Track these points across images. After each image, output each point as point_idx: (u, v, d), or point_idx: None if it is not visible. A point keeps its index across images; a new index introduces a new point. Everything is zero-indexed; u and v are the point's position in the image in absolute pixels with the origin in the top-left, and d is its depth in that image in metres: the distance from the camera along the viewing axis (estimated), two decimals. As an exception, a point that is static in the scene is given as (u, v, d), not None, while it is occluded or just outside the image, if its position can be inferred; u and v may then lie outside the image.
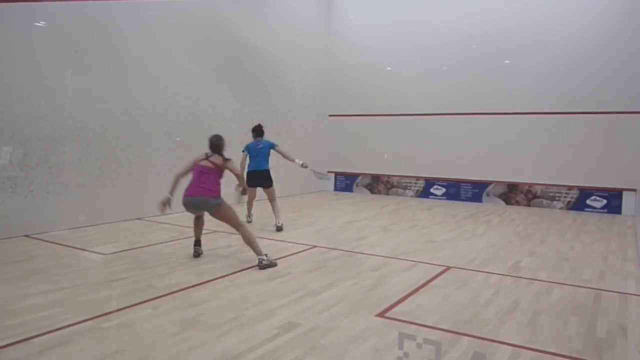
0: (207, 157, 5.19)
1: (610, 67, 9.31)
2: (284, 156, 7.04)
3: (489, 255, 5.70)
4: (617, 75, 9.27)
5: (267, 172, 7.05)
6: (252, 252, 5.05)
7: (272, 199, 7.13)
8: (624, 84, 9.21)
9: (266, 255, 5.03)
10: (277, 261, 5.14)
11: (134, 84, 7.64)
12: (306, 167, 7.09)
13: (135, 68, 7.66)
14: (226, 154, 5.29)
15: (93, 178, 7.06)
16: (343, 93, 12.24)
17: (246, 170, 7.02)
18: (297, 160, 7.02)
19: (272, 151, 7.08)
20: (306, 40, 11.59)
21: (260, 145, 7.03)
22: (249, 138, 7.24)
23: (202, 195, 5.03)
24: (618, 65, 9.25)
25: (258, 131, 7.14)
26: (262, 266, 4.92)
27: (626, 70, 9.18)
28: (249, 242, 5.07)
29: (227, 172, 5.25)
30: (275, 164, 7.31)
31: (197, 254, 5.40)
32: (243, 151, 7.12)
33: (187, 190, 5.10)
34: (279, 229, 6.93)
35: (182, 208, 5.19)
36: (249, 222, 7.39)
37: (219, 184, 5.17)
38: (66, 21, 6.66)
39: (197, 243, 5.46)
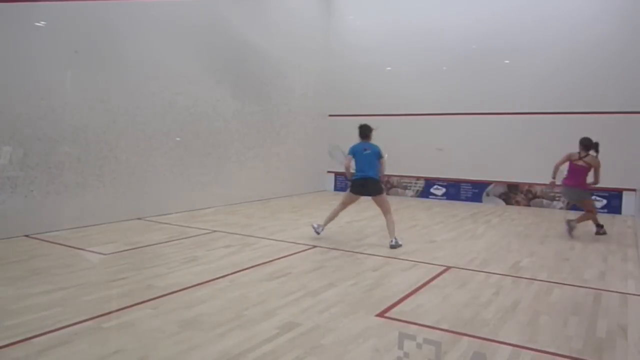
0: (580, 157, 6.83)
1: (610, 67, 9.31)
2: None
3: (489, 255, 5.70)
4: (617, 75, 9.26)
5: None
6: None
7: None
8: (624, 84, 9.21)
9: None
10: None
11: (133, 84, 7.63)
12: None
13: (135, 68, 7.65)
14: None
15: (93, 178, 7.05)
16: (343, 93, 12.24)
17: None
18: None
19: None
20: (306, 40, 11.59)
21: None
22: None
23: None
24: (618, 65, 9.24)
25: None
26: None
27: (626, 70, 9.18)
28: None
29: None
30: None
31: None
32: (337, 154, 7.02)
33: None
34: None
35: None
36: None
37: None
38: (66, 21, 6.65)
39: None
